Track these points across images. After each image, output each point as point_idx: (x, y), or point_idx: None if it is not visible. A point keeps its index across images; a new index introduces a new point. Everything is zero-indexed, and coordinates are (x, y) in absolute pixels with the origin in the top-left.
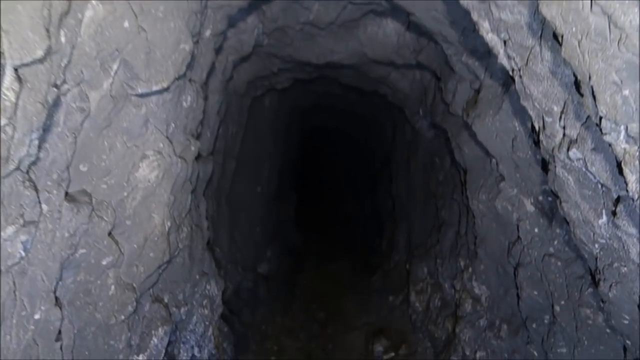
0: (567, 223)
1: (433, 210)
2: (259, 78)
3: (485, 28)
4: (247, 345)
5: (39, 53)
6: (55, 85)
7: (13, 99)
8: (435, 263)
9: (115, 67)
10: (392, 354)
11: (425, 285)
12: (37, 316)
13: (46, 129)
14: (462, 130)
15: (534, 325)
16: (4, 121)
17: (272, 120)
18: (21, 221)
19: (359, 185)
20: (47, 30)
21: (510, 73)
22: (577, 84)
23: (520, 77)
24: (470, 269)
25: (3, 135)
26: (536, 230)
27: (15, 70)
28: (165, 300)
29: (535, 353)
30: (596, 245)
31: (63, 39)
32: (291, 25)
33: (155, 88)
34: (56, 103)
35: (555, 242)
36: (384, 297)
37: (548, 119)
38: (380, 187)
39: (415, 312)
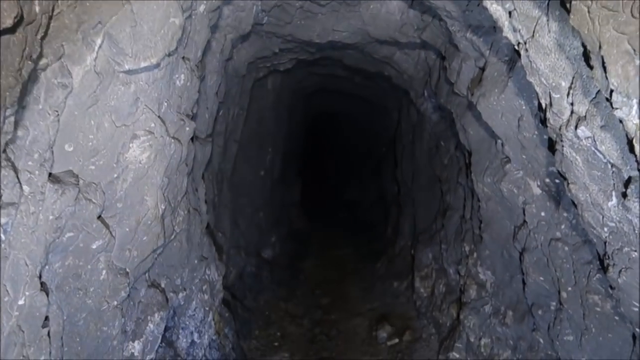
0: (575, 206)
1: (438, 194)
2: (259, 59)
3: None
4: (249, 331)
5: (8, 22)
6: (31, 58)
7: None
8: (440, 248)
9: (98, 41)
10: (396, 340)
11: (430, 271)
12: (21, 302)
13: (24, 105)
14: (467, 111)
15: (540, 312)
16: None
17: (275, 103)
18: None
19: (364, 169)
20: None
21: (516, 47)
22: (586, 56)
23: (527, 50)
24: (475, 254)
25: None
26: (543, 213)
27: None
28: (162, 286)
29: (541, 340)
30: (605, 229)
31: (37, 8)
32: (290, 2)
33: (143, 64)
34: (33, 78)
35: (563, 226)
36: (388, 282)
37: (555, 95)
38: (385, 171)
39: (420, 298)
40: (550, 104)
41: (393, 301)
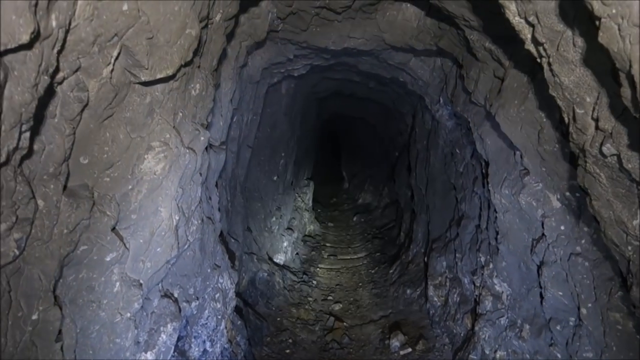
0: (597, 222)
1: (453, 202)
2: (274, 65)
3: (512, 11)
4: (261, 338)
5: (25, 38)
6: (47, 73)
7: None
8: (454, 257)
9: (115, 53)
10: (409, 350)
11: (444, 280)
12: (34, 317)
13: (40, 120)
14: (485, 121)
15: (558, 327)
16: None
17: (288, 107)
18: (14, 218)
19: (377, 174)
20: (34, 13)
21: (538, 60)
22: (614, 73)
23: (550, 64)
24: (491, 265)
25: None
26: (562, 227)
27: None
28: (175, 295)
29: (559, 355)
30: (629, 247)
31: (54, 23)
32: (306, 9)
33: (159, 76)
34: (49, 92)
35: (583, 241)
36: (401, 290)
37: (579, 111)
38: (398, 176)
39: (433, 307)
40: (574, 119)
41: (406, 309)
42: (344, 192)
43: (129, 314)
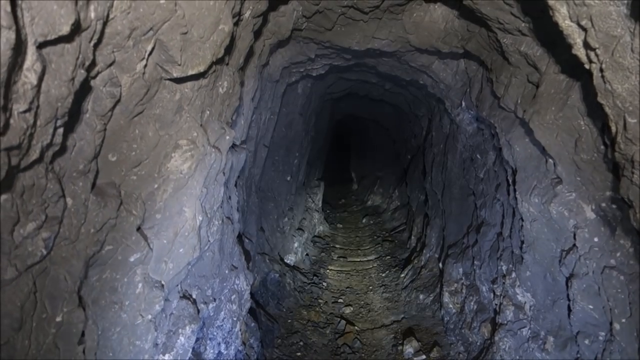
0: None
1: (471, 208)
2: (294, 64)
3: (562, 14)
4: (272, 340)
5: (65, 29)
6: (84, 67)
7: (35, 82)
8: (472, 264)
9: (149, 48)
10: (423, 357)
11: (460, 287)
12: (58, 319)
13: (72, 115)
14: (514, 127)
15: (586, 342)
16: (24, 107)
17: (304, 107)
18: (43, 217)
19: (387, 176)
20: (75, 3)
21: (587, 66)
22: None
23: (601, 70)
24: (513, 274)
25: (23, 123)
26: (596, 239)
27: (38, 48)
28: (194, 297)
29: None
30: None
31: (92, 14)
32: (333, 8)
33: (191, 72)
34: (84, 87)
35: (618, 254)
36: (414, 294)
37: (631, 120)
38: (411, 180)
39: (448, 313)
40: (625, 128)
41: (419, 314)
42: (352, 193)
43: (150, 316)
